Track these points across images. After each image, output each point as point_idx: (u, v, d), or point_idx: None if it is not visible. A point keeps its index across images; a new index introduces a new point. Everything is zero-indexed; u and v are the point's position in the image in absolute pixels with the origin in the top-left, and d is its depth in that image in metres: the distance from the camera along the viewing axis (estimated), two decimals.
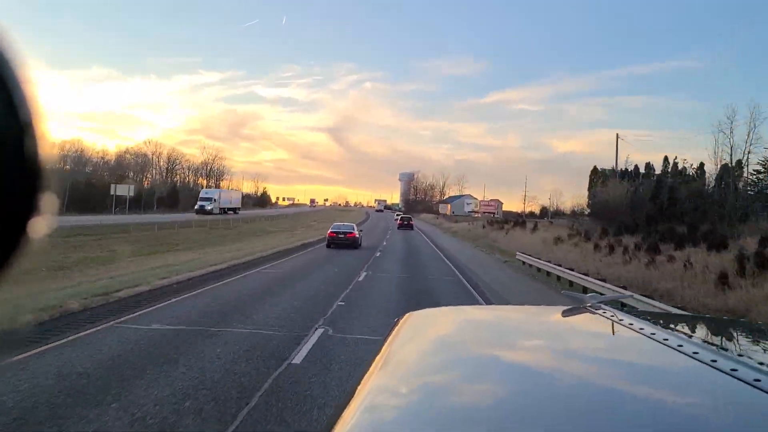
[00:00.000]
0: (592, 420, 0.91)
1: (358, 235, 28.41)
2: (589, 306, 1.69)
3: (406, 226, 60.03)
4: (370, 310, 11.09)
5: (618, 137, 40.63)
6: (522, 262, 24.71)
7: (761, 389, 0.90)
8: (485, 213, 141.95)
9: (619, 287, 14.38)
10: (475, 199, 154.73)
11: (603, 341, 1.45)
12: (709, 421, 0.90)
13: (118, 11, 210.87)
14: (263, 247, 25.65)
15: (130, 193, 59.02)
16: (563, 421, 0.90)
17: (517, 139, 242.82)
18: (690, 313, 7.56)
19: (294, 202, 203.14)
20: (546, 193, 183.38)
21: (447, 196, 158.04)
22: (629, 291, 12.79)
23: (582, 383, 1.11)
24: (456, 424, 0.91)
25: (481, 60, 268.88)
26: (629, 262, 22.61)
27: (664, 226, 27.19)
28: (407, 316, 1.79)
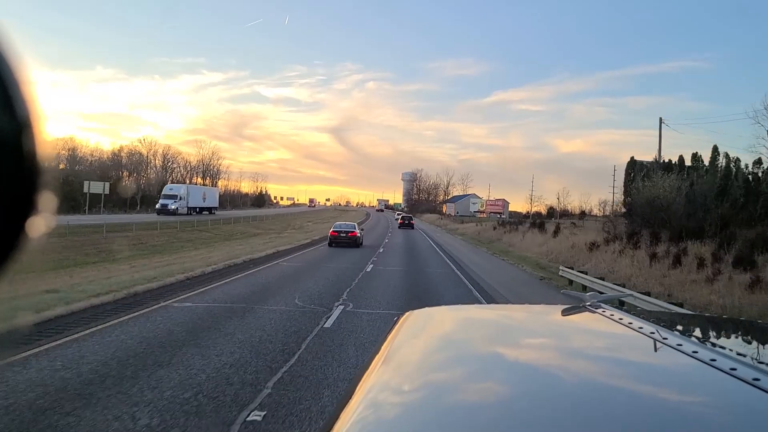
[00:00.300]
0: (591, 418, 0.91)
1: (359, 234, 29.20)
2: (588, 305, 1.70)
3: (406, 225, 60.41)
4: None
5: (661, 122, 34.53)
6: (568, 280, 17.85)
7: (760, 388, 0.90)
8: (491, 213, 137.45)
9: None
10: (480, 198, 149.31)
11: (602, 340, 1.44)
12: (708, 419, 0.89)
13: (122, 11, 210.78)
14: (223, 257, 19.78)
15: (105, 191, 52.82)
16: (563, 420, 0.90)
17: (520, 139, 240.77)
18: (689, 312, 6.16)
19: (295, 201, 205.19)
20: (550, 194, 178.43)
21: (451, 195, 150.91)
22: None
23: (581, 382, 1.10)
24: (457, 422, 0.91)
25: (484, 60, 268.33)
26: (715, 279, 16.67)
27: (752, 230, 20.60)
28: (407, 314, 1.79)
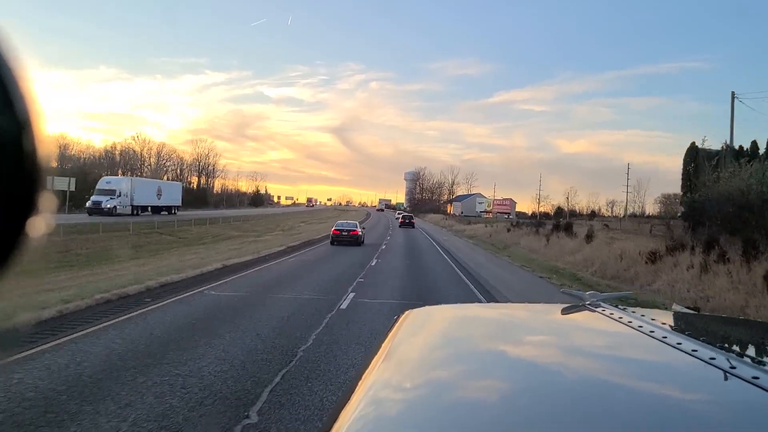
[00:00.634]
0: (590, 416, 0.91)
1: (361, 233, 30.17)
2: (588, 304, 1.70)
3: (407, 224, 60.92)
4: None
5: (734, 97, 28.36)
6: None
7: (760, 386, 0.90)
8: (498, 213, 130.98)
9: None
10: (486, 198, 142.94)
11: (602, 339, 1.45)
12: (707, 417, 0.90)
13: (124, 11, 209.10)
14: (133, 279, 13.43)
15: (71, 188, 46.77)
16: (563, 418, 0.90)
17: (524, 139, 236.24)
18: (689, 312, 4.97)
19: (295, 201, 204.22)
20: (554, 194, 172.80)
21: (455, 195, 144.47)
22: None
23: (581, 380, 1.10)
24: (459, 419, 0.92)
25: (487, 60, 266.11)
26: None
27: None
28: (407, 313, 1.78)
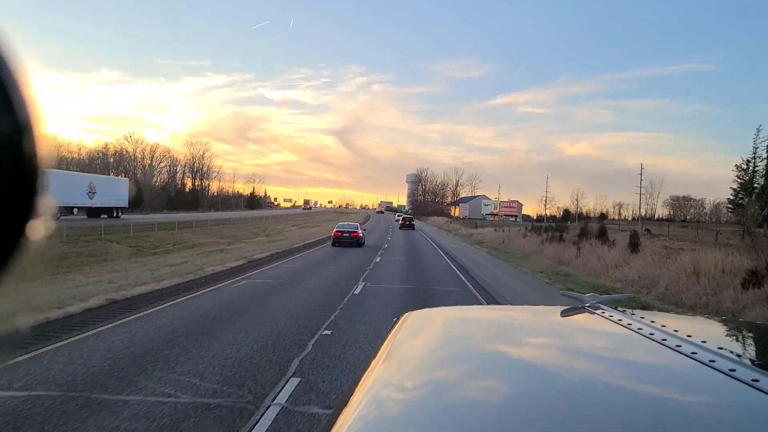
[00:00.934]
0: (590, 418, 0.91)
1: (361, 234, 31.12)
2: (587, 306, 1.70)
3: (407, 226, 61.35)
4: None
5: None
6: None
7: (759, 389, 0.90)
8: (505, 216, 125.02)
9: None
10: (491, 200, 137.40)
11: (601, 341, 1.44)
12: (707, 421, 0.89)
13: (127, 13, 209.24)
14: None
15: None
16: (563, 419, 0.90)
17: (525, 142, 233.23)
18: (688, 314, 5.85)
19: (294, 203, 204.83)
20: (557, 196, 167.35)
21: (459, 197, 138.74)
22: None
23: (580, 382, 1.10)
24: (459, 420, 0.92)
25: (488, 63, 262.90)
26: None
27: None
28: (406, 315, 1.78)
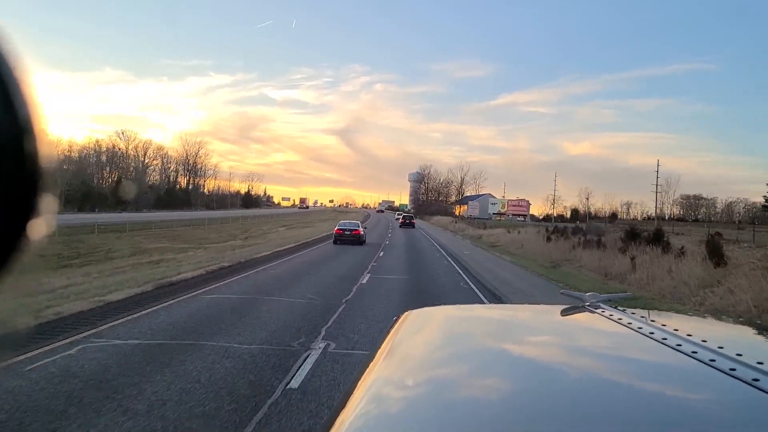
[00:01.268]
0: (590, 416, 0.91)
1: (362, 232, 31.67)
2: (588, 305, 1.68)
3: (407, 224, 61.46)
4: None
5: None
6: None
7: (760, 388, 0.89)
8: (513, 215, 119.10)
9: None
10: (498, 198, 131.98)
11: (602, 340, 1.43)
12: (707, 419, 0.89)
13: (129, 14, 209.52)
14: None
15: None
16: (563, 418, 0.90)
17: (527, 141, 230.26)
18: (689, 313, 5.76)
19: (293, 202, 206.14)
20: (563, 196, 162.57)
21: (464, 195, 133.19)
22: None
23: (580, 381, 1.09)
24: (460, 417, 0.92)
25: (490, 62, 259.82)
26: None
27: None
28: (406, 314, 1.77)
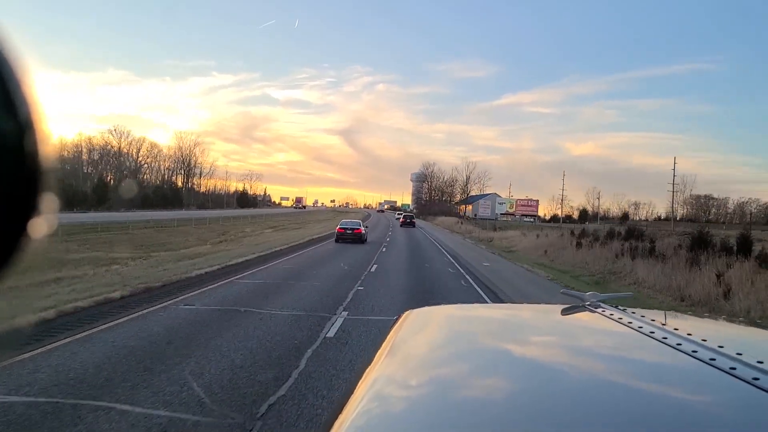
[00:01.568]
0: (590, 416, 0.90)
1: (364, 231, 32.50)
2: (588, 304, 1.68)
3: (408, 223, 61.84)
4: None
5: None
6: None
7: (760, 387, 0.89)
8: (522, 215, 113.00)
9: None
10: (505, 198, 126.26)
11: (602, 339, 1.42)
12: (707, 418, 0.88)
13: (132, 14, 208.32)
14: None
15: None
16: (563, 417, 0.90)
17: (530, 142, 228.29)
18: (689, 313, 5.13)
19: (293, 202, 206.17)
20: (569, 196, 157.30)
21: (469, 195, 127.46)
22: None
23: (581, 380, 1.09)
24: (461, 415, 0.91)
25: (494, 63, 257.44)
26: None
27: None
28: (407, 313, 1.77)
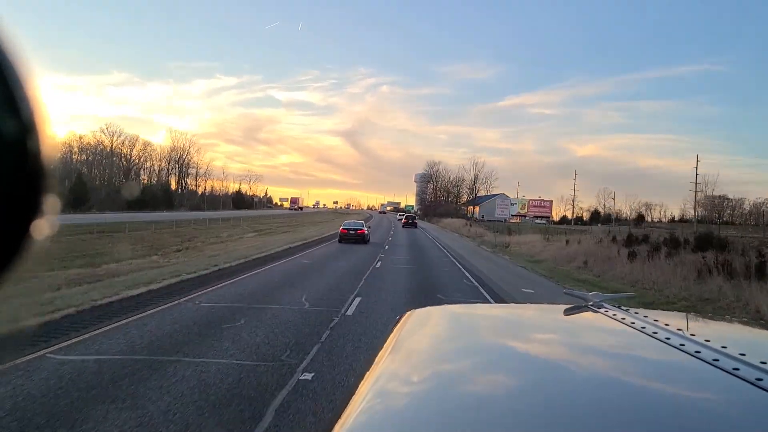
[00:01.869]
0: (592, 415, 0.90)
1: (367, 232, 32.65)
2: (591, 304, 1.68)
3: (410, 224, 61.80)
4: None
5: None
6: None
7: (763, 388, 0.89)
8: (535, 217, 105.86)
9: None
10: (514, 199, 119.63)
11: (604, 339, 1.42)
12: (710, 419, 0.88)
13: (136, 16, 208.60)
14: None
15: None
16: (565, 416, 0.90)
17: (534, 143, 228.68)
18: (692, 313, 3.45)
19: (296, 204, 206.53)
20: (567, 198, 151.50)
21: (477, 195, 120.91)
22: None
23: (583, 380, 1.09)
24: (464, 414, 0.92)
25: (497, 64, 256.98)
26: None
27: None
28: (409, 313, 1.78)
